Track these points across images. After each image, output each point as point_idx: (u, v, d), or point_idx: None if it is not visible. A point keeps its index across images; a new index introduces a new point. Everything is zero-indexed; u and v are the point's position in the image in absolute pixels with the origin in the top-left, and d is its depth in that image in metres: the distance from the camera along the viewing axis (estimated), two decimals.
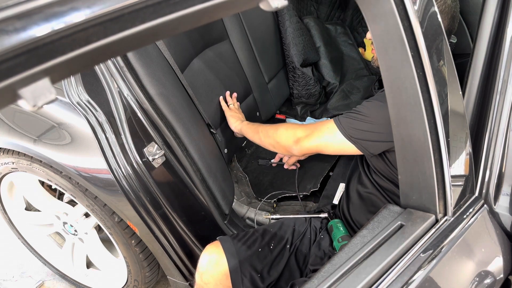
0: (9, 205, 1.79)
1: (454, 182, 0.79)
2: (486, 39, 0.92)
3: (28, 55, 0.35)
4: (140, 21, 0.41)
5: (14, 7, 0.35)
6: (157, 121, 1.27)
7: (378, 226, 0.79)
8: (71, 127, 1.29)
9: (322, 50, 2.29)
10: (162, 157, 1.28)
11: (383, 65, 0.74)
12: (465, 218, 0.82)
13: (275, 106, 2.05)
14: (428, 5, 0.70)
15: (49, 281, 1.99)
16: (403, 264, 0.72)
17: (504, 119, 0.88)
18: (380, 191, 1.19)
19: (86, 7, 0.38)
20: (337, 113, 2.11)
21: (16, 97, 0.36)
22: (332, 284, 0.69)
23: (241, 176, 1.82)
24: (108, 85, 1.24)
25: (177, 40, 1.47)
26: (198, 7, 0.44)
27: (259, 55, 1.94)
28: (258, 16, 1.97)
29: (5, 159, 1.52)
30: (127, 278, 1.66)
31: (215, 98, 1.62)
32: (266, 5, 0.47)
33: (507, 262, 0.88)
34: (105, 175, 1.27)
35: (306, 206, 1.62)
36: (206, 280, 1.20)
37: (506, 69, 0.88)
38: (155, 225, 1.34)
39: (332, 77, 2.30)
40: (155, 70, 1.27)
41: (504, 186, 0.89)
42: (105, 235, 1.58)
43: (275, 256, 1.23)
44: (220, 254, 1.19)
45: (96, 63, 0.43)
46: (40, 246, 1.91)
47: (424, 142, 0.74)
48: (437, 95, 0.72)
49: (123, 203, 1.30)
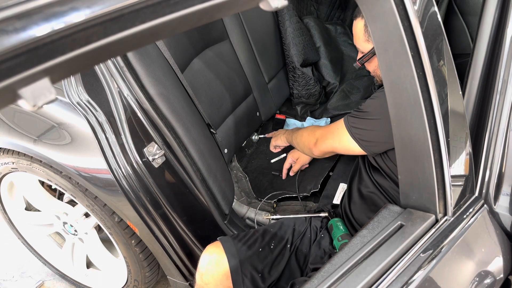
0: (9, 205, 1.79)
1: (454, 182, 0.79)
2: (486, 39, 0.92)
3: (28, 55, 0.35)
4: (140, 21, 0.41)
5: (14, 7, 0.35)
6: (157, 121, 1.27)
7: (378, 226, 0.79)
8: (71, 127, 1.29)
9: (322, 50, 2.28)
10: (162, 157, 1.28)
11: (383, 65, 0.74)
12: (465, 218, 0.82)
13: (275, 106, 2.05)
14: (428, 5, 0.70)
15: (49, 281, 1.99)
16: (403, 264, 0.72)
17: (504, 119, 0.88)
18: (381, 190, 1.19)
19: (86, 7, 0.38)
20: (337, 113, 2.11)
21: (16, 97, 0.36)
22: (332, 284, 0.69)
23: (241, 176, 1.82)
24: (108, 85, 1.24)
25: (177, 40, 1.47)
26: (198, 7, 0.44)
27: (259, 55, 1.94)
28: (258, 16, 1.97)
29: (5, 159, 1.52)
30: (127, 278, 1.66)
31: (215, 98, 1.62)
32: (266, 5, 0.47)
33: (507, 262, 0.88)
34: (105, 175, 1.27)
35: (306, 206, 1.62)
36: (207, 280, 1.20)
37: (506, 69, 0.88)
38: (155, 225, 1.34)
39: (332, 77, 2.30)
40: (155, 70, 1.27)
41: (504, 186, 0.89)
42: (105, 235, 1.58)
43: (276, 256, 1.23)
44: (221, 254, 1.19)
45: (96, 63, 0.43)
46: (40, 246, 1.91)
47: (424, 142, 0.74)
48: (437, 95, 0.72)
49: (123, 203, 1.30)
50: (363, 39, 1.19)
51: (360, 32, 1.19)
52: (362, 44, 1.21)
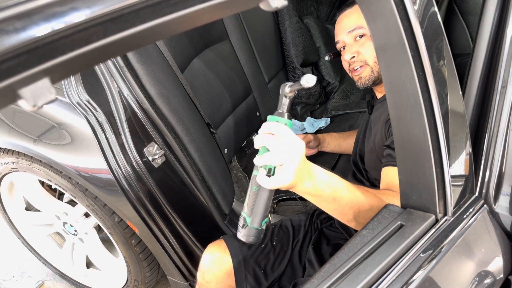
0: (9, 205, 1.79)
1: (454, 182, 0.79)
2: (486, 39, 0.92)
3: (28, 55, 0.35)
4: (140, 21, 0.41)
5: (14, 7, 0.35)
6: (157, 121, 1.27)
7: (378, 226, 0.79)
8: (71, 127, 1.29)
9: (322, 50, 2.29)
10: (162, 157, 1.28)
11: (383, 65, 0.74)
12: (465, 218, 0.82)
13: (275, 106, 2.05)
14: (428, 5, 0.70)
15: (49, 281, 1.99)
16: (403, 264, 0.72)
17: (504, 119, 0.88)
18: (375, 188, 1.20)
19: (86, 7, 0.38)
20: (337, 113, 2.11)
21: (16, 97, 0.36)
22: (332, 284, 0.69)
23: (241, 176, 1.82)
24: (108, 85, 1.24)
25: (177, 40, 1.47)
26: (198, 7, 0.44)
27: (259, 55, 1.94)
28: (258, 16, 1.98)
29: (5, 159, 1.52)
30: (127, 278, 1.66)
31: (215, 98, 1.62)
32: (266, 5, 0.47)
33: (507, 262, 0.88)
34: (105, 175, 1.27)
35: (307, 206, 1.62)
36: (208, 278, 1.20)
37: (506, 69, 0.88)
38: (155, 225, 1.34)
39: (332, 77, 2.30)
40: (155, 70, 1.27)
41: (504, 186, 0.89)
42: (105, 235, 1.58)
43: (278, 253, 1.23)
44: (222, 253, 1.20)
45: (96, 63, 0.43)
46: (40, 246, 1.91)
47: (424, 142, 0.74)
48: (437, 95, 0.72)
49: (123, 203, 1.30)
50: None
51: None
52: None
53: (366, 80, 1.17)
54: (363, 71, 1.16)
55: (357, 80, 1.19)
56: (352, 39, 1.18)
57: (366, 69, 1.16)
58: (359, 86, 1.19)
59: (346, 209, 0.84)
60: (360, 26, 1.15)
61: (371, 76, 1.16)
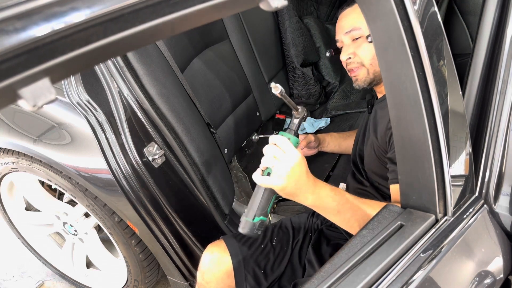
0: (9, 205, 1.79)
1: (454, 182, 0.79)
2: (486, 39, 0.92)
3: (28, 55, 0.35)
4: (140, 21, 0.41)
5: (14, 7, 0.35)
6: (157, 121, 1.27)
7: (378, 226, 0.79)
8: (71, 127, 1.29)
9: (322, 50, 2.29)
10: (162, 157, 1.28)
11: (383, 65, 0.73)
12: (465, 218, 0.82)
13: (275, 106, 2.05)
14: (428, 5, 0.70)
15: (49, 281, 1.99)
16: (403, 264, 0.72)
17: (504, 119, 0.88)
18: (374, 188, 1.20)
19: (86, 7, 0.38)
20: (337, 113, 2.11)
21: (16, 97, 0.36)
22: (332, 284, 0.69)
23: (241, 176, 1.82)
24: (108, 85, 1.24)
25: (177, 40, 1.47)
26: (198, 7, 0.44)
27: (259, 55, 1.94)
28: (258, 16, 1.98)
29: (5, 159, 1.52)
30: (127, 278, 1.66)
31: (215, 98, 1.62)
32: (266, 5, 0.47)
33: (507, 262, 0.88)
34: (105, 175, 1.27)
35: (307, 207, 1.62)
36: (208, 279, 1.20)
37: (506, 69, 0.88)
38: (155, 225, 1.34)
39: (332, 77, 2.30)
40: (155, 70, 1.27)
41: (504, 186, 0.89)
42: (105, 235, 1.58)
43: (278, 253, 1.23)
44: (222, 253, 1.20)
45: (96, 63, 0.43)
46: (40, 246, 1.91)
47: (424, 142, 0.74)
48: (437, 95, 0.72)
49: (123, 203, 1.30)
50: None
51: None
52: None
53: (362, 82, 1.17)
54: (359, 73, 1.16)
55: (354, 81, 1.20)
56: (349, 40, 1.18)
57: (362, 70, 1.16)
58: (355, 87, 1.20)
59: (352, 221, 0.91)
60: (357, 28, 1.15)
61: (367, 77, 1.16)
